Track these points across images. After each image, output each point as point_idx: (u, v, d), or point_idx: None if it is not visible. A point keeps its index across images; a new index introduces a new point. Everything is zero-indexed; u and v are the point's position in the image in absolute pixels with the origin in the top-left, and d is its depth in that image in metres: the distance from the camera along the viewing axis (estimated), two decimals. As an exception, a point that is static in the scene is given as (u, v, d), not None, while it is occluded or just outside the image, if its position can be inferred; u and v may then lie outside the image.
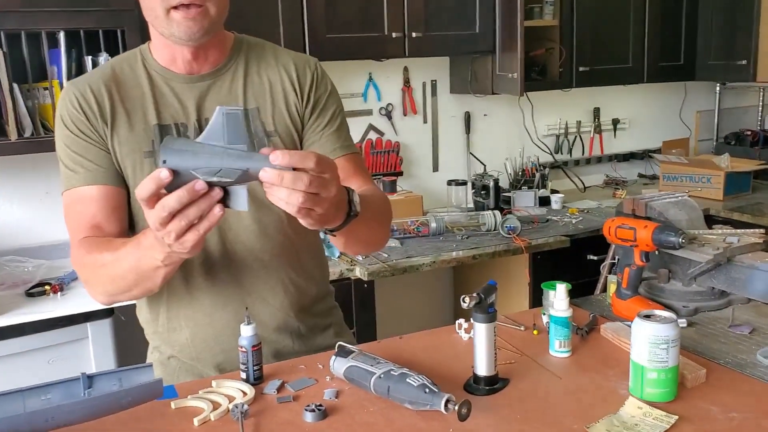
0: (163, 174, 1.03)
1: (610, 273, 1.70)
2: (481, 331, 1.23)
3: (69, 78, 2.30)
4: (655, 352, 1.15)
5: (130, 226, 1.44)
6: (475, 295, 1.20)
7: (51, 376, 1.19)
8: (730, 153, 3.55)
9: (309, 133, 1.48)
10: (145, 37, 2.33)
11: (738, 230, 1.63)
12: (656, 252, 1.56)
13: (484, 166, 3.35)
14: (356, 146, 1.55)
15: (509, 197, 3.26)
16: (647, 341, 1.16)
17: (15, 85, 2.26)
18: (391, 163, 3.30)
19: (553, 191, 3.40)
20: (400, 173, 3.32)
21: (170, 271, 1.24)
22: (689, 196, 1.74)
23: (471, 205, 3.29)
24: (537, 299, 2.83)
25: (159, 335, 1.51)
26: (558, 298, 1.37)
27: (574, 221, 3.03)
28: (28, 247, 2.66)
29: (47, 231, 2.72)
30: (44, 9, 2.24)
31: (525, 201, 3.25)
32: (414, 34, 2.86)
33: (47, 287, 2.32)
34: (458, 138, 3.47)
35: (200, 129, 1.42)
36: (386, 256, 2.62)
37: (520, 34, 2.80)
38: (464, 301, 1.18)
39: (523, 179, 3.38)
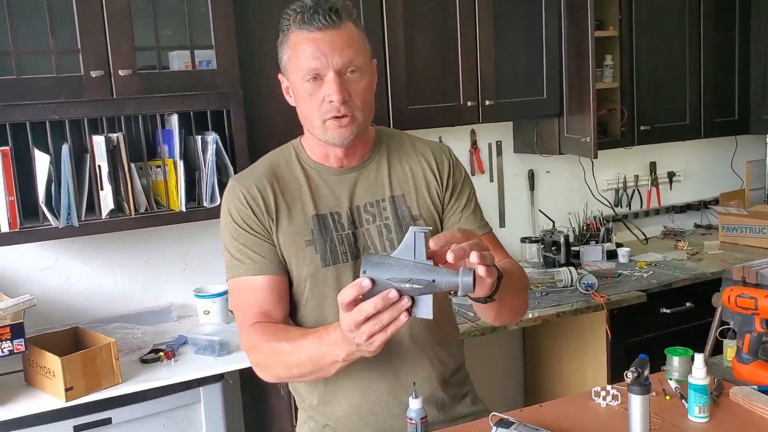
0: (365, 283, 1.19)
1: (723, 337, 1.80)
2: (636, 402, 1.35)
3: (181, 156, 2.46)
4: (807, 421, 1.26)
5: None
6: (634, 369, 1.31)
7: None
8: (784, 202, 3.67)
9: (449, 215, 1.62)
10: (249, 116, 2.54)
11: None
12: (770, 317, 1.67)
13: (553, 222, 3.47)
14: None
15: (576, 251, 3.38)
16: (799, 411, 1.27)
17: (132, 165, 2.42)
18: (459, 221, 3.43)
19: (618, 245, 3.51)
20: (470, 230, 3.44)
21: (345, 366, 1.37)
22: None
23: (537, 259, 3.40)
24: (617, 357, 2.93)
25: (314, 407, 1.62)
26: (696, 366, 1.48)
27: (645, 275, 3.13)
28: (129, 313, 2.79)
29: (147, 298, 2.86)
30: (159, 95, 2.41)
31: (593, 255, 3.36)
32: (487, 102, 3.02)
33: (161, 354, 2.45)
34: (522, 195, 3.61)
35: (352, 217, 1.56)
36: (472, 315, 2.73)
37: (593, 100, 2.95)
38: (627, 377, 1.30)
39: (589, 233, 3.50)
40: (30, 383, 2.26)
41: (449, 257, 1.18)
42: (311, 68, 1.44)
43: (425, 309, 1.20)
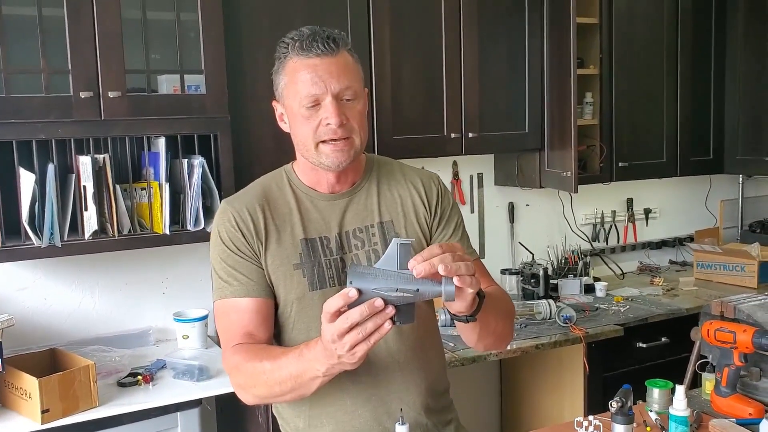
0: (352, 293, 1.21)
1: (702, 371, 1.83)
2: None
3: (167, 179, 2.47)
4: (786, 452, 1.29)
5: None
6: (618, 399, 1.34)
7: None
8: (758, 241, 3.73)
9: (437, 242, 1.64)
10: (236, 141, 2.55)
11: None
12: (748, 351, 1.70)
13: (532, 255, 3.51)
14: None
15: (555, 284, 3.41)
16: (778, 442, 1.29)
17: (117, 186, 2.42)
18: (440, 251, 3.46)
19: (596, 278, 3.56)
20: (449, 261, 3.47)
21: (326, 382, 1.38)
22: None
23: (516, 291, 3.43)
24: (594, 389, 2.95)
25: (299, 431, 1.62)
26: (678, 398, 1.50)
27: (622, 310, 3.17)
28: (107, 336, 2.76)
29: (125, 320, 2.83)
30: (148, 117, 2.42)
31: (571, 289, 3.40)
32: (470, 134, 3.07)
33: (139, 377, 2.42)
34: (502, 227, 3.65)
35: (341, 242, 1.58)
36: (452, 345, 2.74)
37: (574, 136, 3.01)
38: (612, 406, 1.32)
39: (567, 267, 3.54)
40: (5, 405, 2.22)
41: (415, 273, 1.20)
42: (310, 94, 1.47)
43: (407, 317, 1.23)
